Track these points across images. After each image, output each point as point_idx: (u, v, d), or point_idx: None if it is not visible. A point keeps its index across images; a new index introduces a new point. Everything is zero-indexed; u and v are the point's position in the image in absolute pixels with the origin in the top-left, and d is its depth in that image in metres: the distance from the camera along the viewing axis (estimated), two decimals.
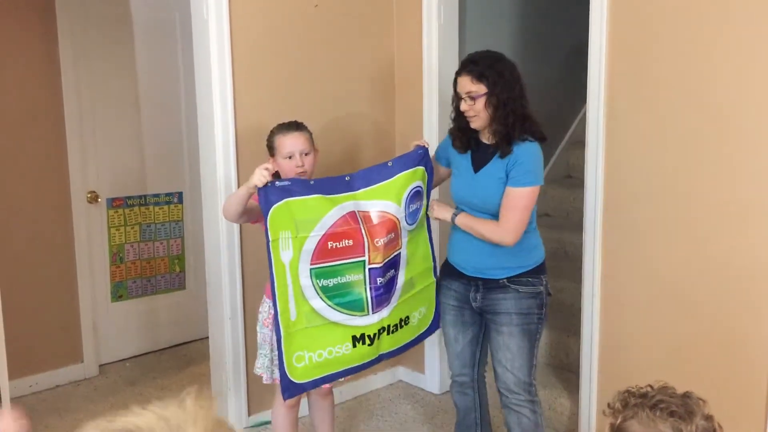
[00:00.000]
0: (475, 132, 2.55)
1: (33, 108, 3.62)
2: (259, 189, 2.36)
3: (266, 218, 2.38)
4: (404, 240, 2.61)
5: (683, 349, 2.72)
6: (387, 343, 2.64)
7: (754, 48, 2.43)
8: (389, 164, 2.58)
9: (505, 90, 2.43)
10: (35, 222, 3.68)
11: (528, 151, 2.45)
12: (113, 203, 4.01)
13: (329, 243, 2.45)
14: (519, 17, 4.21)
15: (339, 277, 2.49)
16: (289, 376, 2.48)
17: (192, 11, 3.06)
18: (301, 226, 2.41)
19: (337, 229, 2.45)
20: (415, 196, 2.60)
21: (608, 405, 1.52)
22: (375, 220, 2.51)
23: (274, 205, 2.37)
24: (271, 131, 2.64)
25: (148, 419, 0.77)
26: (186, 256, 4.33)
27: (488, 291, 2.58)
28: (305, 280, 2.44)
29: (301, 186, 2.43)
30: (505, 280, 2.55)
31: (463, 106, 2.49)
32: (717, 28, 2.51)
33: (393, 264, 2.58)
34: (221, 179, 3.07)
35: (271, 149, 2.63)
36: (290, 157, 2.57)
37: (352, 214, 2.48)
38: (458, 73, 2.50)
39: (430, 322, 2.81)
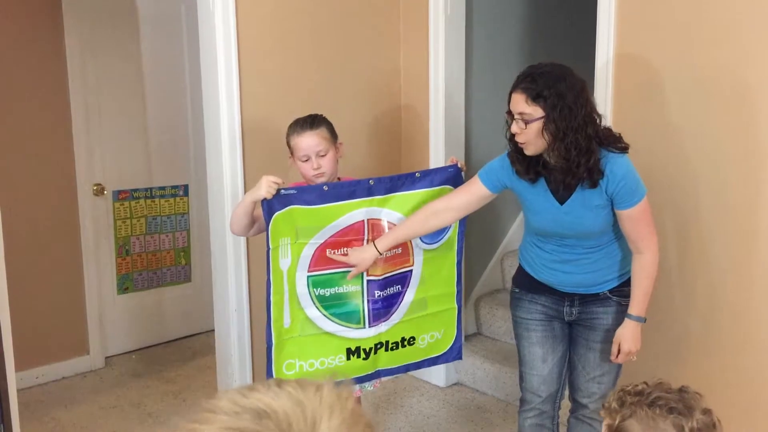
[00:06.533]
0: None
1: (39, 101, 3.63)
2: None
3: (268, 226, 2.31)
4: (417, 258, 2.53)
5: (687, 343, 2.71)
6: (385, 360, 2.56)
7: (761, 40, 2.41)
8: (417, 175, 2.48)
9: (566, 117, 2.05)
10: (41, 214, 3.68)
11: (623, 167, 2.14)
12: (119, 196, 4.02)
13: (328, 250, 2.39)
14: (527, 6, 4.18)
15: (336, 287, 2.43)
16: None
17: (198, 3, 3.04)
18: (302, 233, 2.35)
19: (338, 238, 2.39)
20: None
21: (603, 405, 1.48)
22: (383, 231, 2.43)
23: (277, 213, 2.30)
24: (288, 128, 2.49)
25: (283, 402, 0.72)
26: (192, 249, 4.34)
27: (585, 304, 2.34)
28: (302, 288, 2.40)
29: (312, 194, 2.34)
30: (607, 292, 2.31)
31: (514, 128, 2.12)
32: (725, 25, 2.49)
33: (399, 280, 2.52)
34: (227, 172, 3.06)
35: (290, 149, 2.48)
36: (306, 159, 2.42)
37: (359, 225, 2.41)
38: (512, 89, 2.13)
39: (447, 347, 2.69)
